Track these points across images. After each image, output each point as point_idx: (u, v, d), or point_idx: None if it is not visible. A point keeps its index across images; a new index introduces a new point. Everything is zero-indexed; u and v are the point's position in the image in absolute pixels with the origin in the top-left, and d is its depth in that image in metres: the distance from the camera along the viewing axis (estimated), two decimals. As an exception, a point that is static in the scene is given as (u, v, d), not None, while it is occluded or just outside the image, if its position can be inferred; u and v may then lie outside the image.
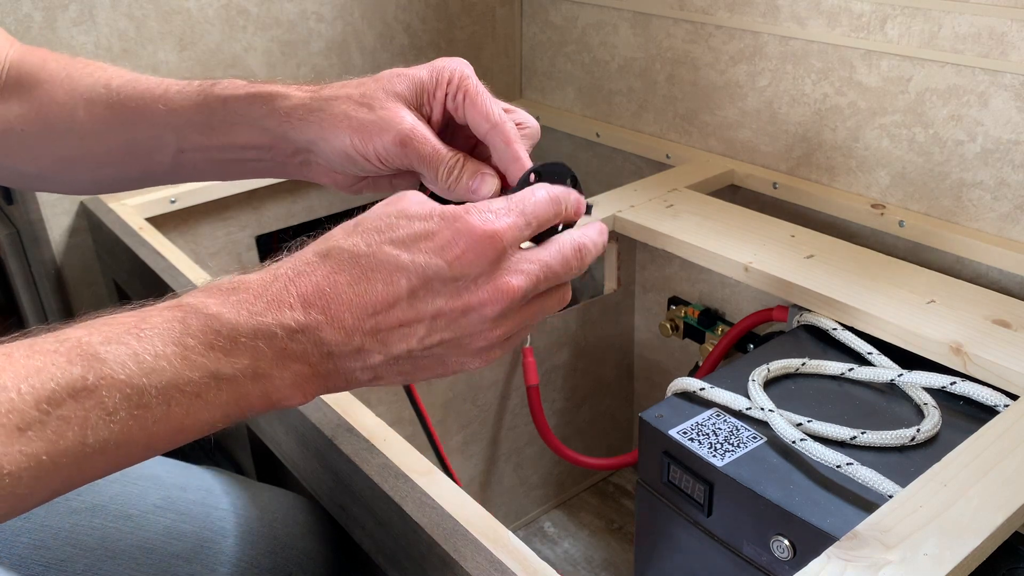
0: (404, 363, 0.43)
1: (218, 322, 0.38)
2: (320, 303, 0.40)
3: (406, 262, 0.41)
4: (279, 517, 0.64)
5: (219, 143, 0.55)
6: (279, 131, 0.53)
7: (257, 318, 0.39)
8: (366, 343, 0.41)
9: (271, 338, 0.39)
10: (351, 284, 0.41)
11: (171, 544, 0.58)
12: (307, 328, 0.40)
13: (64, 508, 0.57)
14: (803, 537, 0.60)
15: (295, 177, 0.57)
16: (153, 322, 0.37)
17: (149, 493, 0.60)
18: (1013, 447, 0.59)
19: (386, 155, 0.50)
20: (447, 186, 0.50)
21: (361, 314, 0.41)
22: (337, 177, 0.55)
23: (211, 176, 0.59)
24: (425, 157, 0.50)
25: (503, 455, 1.03)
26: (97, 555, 0.56)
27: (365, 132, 0.50)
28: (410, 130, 0.49)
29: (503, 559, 0.51)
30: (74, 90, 0.56)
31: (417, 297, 0.41)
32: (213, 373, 0.38)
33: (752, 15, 0.99)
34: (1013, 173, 0.82)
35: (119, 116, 0.56)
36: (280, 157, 0.55)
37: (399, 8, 1.19)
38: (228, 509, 0.62)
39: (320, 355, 0.40)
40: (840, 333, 0.76)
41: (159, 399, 0.36)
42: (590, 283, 1.15)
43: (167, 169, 0.57)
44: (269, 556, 0.61)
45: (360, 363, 0.42)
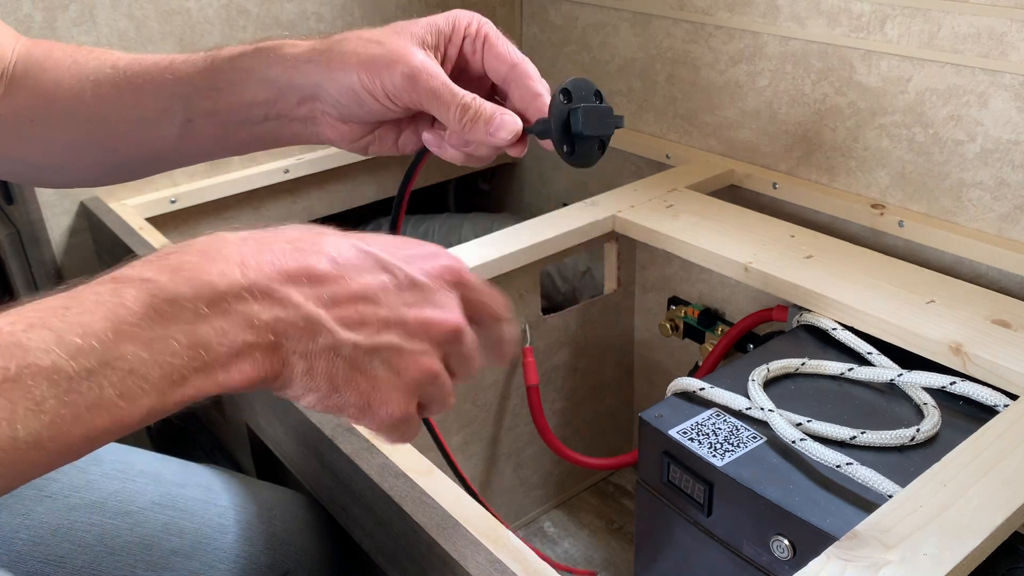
0: (342, 362, 0.39)
1: (154, 286, 0.35)
2: (284, 257, 0.38)
3: (390, 262, 0.41)
4: (278, 513, 0.64)
5: (225, 104, 0.52)
6: (284, 79, 0.50)
7: (199, 278, 0.36)
8: (321, 317, 0.38)
9: (216, 299, 0.36)
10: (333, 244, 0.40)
11: (170, 540, 0.58)
12: (262, 284, 0.37)
13: (63, 505, 0.57)
14: (803, 537, 0.60)
15: (301, 140, 0.54)
16: (83, 298, 0.34)
17: (148, 490, 0.60)
18: (1013, 447, 0.59)
19: (395, 91, 0.48)
20: (462, 126, 0.48)
21: (324, 286, 0.39)
22: (343, 129, 0.52)
23: (216, 149, 0.56)
24: (436, 91, 0.47)
25: (503, 455, 1.03)
26: (96, 551, 0.56)
27: (373, 66, 0.48)
28: (421, 64, 0.47)
29: (503, 558, 0.51)
30: (80, 74, 0.55)
31: (386, 297, 0.40)
32: (147, 344, 0.34)
33: (752, 15, 0.99)
34: (1013, 173, 0.82)
35: (126, 93, 0.54)
36: (285, 110, 0.52)
37: (399, 8, 1.19)
38: (227, 505, 0.62)
39: (271, 321, 0.37)
40: (840, 333, 0.76)
41: (90, 383, 0.33)
42: (590, 283, 1.15)
43: (173, 144, 0.55)
44: (267, 552, 0.61)
45: (305, 343, 0.38)
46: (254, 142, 0.55)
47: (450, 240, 1.26)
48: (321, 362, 0.39)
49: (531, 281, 0.96)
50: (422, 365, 0.41)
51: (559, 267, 1.18)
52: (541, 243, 0.91)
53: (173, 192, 1.06)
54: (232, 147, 0.56)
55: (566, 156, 0.49)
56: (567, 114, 0.48)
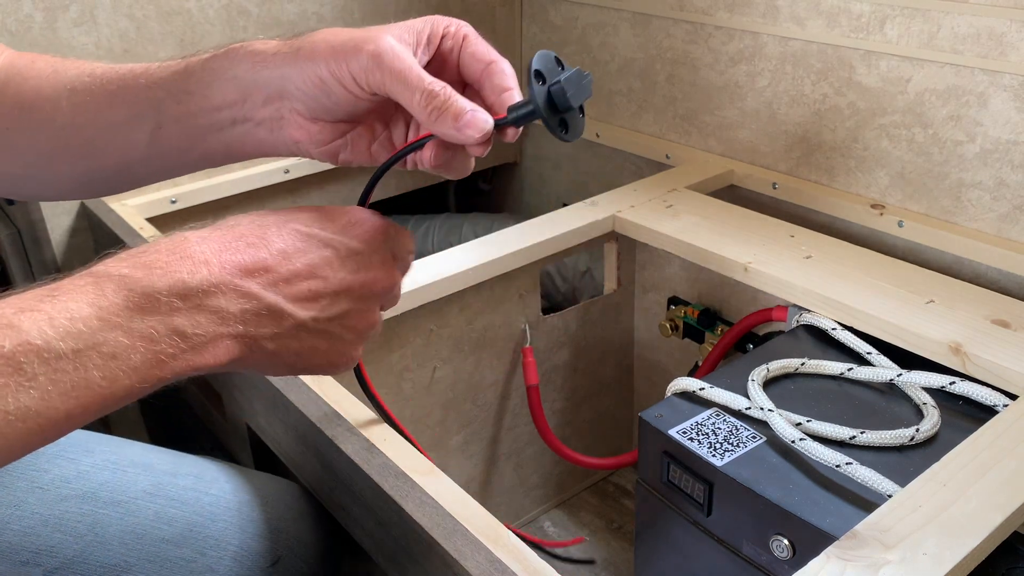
0: (307, 335, 0.44)
1: (131, 281, 0.39)
2: (241, 253, 0.42)
3: (326, 236, 0.46)
4: (270, 502, 0.64)
5: (194, 108, 0.51)
6: (251, 76, 0.49)
7: (172, 275, 0.39)
8: (283, 304, 0.43)
9: (188, 293, 0.39)
10: (278, 235, 0.44)
11: (160, 529, 0.59)
12: (227, 280, 0.41)
13: (53, 496, 0.57)
14: (802, 537, 0.60)
15: (267, 148, 0.53)
16: (66, 288, 0.38)
17: (139, 480, 0.61)
18: (1012, 447, 0.59)
19: (361, 72, 0.46)
20: (428, 114, 0.46)
21: (283, 272, 0.43)
22: (312, 129, 0.50)
23: (182, 161, 0.55)
24: (402, 72, 0.45)
25: (503, 455, 1.03)
26: (87, 541, 0.56)
27: (341, 51, 0.46)
28: (388, 45, 0.46)
29: (503, 558, 0.51)
30: (59, 82, 0.55)
31: (330, 269, 0.45)
32: (128, 332, 0.38)
33: (752, 15, 0.99)
34: (1012, 173, 0.83)
35: (100, 99, 0.54)
36: (251, 111, 0.50)
37: (399, 9, 1.19)
38: (218, 494, 0.62)
39: (238, 313, 0.41)
40: (839, 333, 0.76)
41: (75, 363, 0.36)
42: (590, 283, 1.15)
43: (142, 153, 0.54)
44: (259, 539, 0.61)
45: (271, 328, 0.43)
46: (220, 152, 0.54)
47: (450, 240, 1.26)
48: (287, 340, 0.44)
49: (531, 281, 0.96)
50: (370, 319, 0.48)
51: (559, 267, 1.18)
52: (541, 243, 0.91)
53: (173, 192, 1.06)
54: (197, 158, 0.55)
55: (562, 135, 0.48)
56: (548, 93, 0.47)
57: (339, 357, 0.47)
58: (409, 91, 0.46)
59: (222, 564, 0.59)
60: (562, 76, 0.47)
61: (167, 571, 0.58)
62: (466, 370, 0.95)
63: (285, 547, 0.62)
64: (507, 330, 0.96)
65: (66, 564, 0.55)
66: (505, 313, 0.95)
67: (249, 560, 0.60)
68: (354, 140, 0.52)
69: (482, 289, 0.91)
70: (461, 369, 0.94)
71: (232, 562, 0.60)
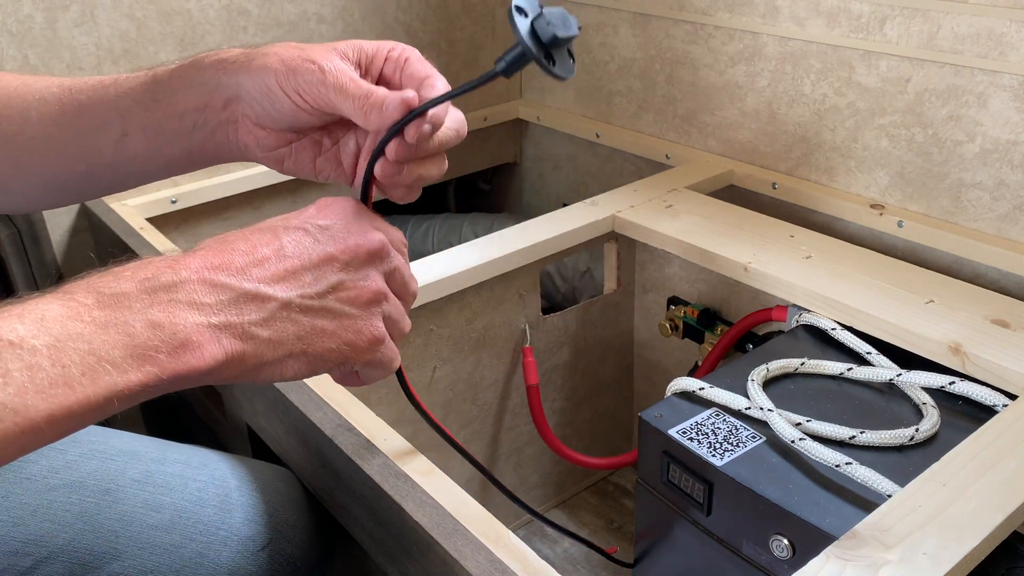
0: (300, 315, 0.43)
1: (98, 284, 0.39)
2: (206, 256, 0.42)
3: (294, 223, 0.46)
4: (259, 487, 0.64)
5: (160, 115, 0.54)
6: (214, 82, 0.52)
7: (140, 275, 0.39)
8: (259, 287, 0.42)
9: (158, 288, 0.39)
10: (241, 239, 0.44)
11: (149, 516, 0.59)
12: (195, 277, 0.40)
13: (42, 486, 0.57)
14: (802, 536, 0.60)
15: (225, 151, 0.56)
16: (35, 298, 0.37)
17: (128, 468, 0.61)
18: (1012, 447, 0.59)
19: (306, 87, 0.49)
20: (364, 114, 0.49)
21: (251, 259, 0.43)
22: (259, 134, 0.53)
23: (146, 168, 0.57)
24: (343, 85, 0.49)
25: (503, 455, 1.03)
26: (76, 529, 0.57)
27: (290, 66, 0.50)
28: (334, 64, 0.49)
29: (503, 558, 0.51)
30: (28, 94, 0.56)
31: (302, 245, 0.45)
32: (103, 325, 0.37)
33: (751, 16, 1.00)
34: (1012, 173, 0.83)
35: (68, 109, 0.56)
36: (212, 115, 0.53)
37: (399, 9, 1.19)
38: (206, 480, 0.63)
39: (214, 303, 0.40)
40: (839, 333, 0.76)
41: (51, 359, 0.35)
42: (590, 283, 1.15)
43: (108, 160, 0.56)
44: (248, 524, 0.62)
45: (256, 313, 0.41)
46: (183, 157, 0.56)
47: (450, 240, 1.26)
48: (279, 323, 0.42)
49: (531, 281, 0.96)
50: (370, 287, 0.46)
51: (559, 267, 1.18)
52: (541, 243, 0.91)
53: (174, 192, 1.06)
54: (161, 165, 0.57)
55: (551, 69, 0.47)
56: (532, 26, 0.46)
57: (354, 335, 0.45)
58: (348, 100, 0.49)
59: (211, 549, 0.60)
60: (544, 9, 0.47)
61: (157, 557, 0.58)
62: (466, 370, 0.95)
63: (275, 531, 0.63)
64: (507, 330, 0.96)
65: (56, 553, 0.56)
66: (505, 313, 0.95)
67: (238, 544, 0.61)
68: (298, 150, 0.54)
69: (482, 289, 0.91)
70: (461, 369, 0.94)
71: (221, 546, 0.60)
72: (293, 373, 0.44)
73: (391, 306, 0.48)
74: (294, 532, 0.64)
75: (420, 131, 0.48)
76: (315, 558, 0.66)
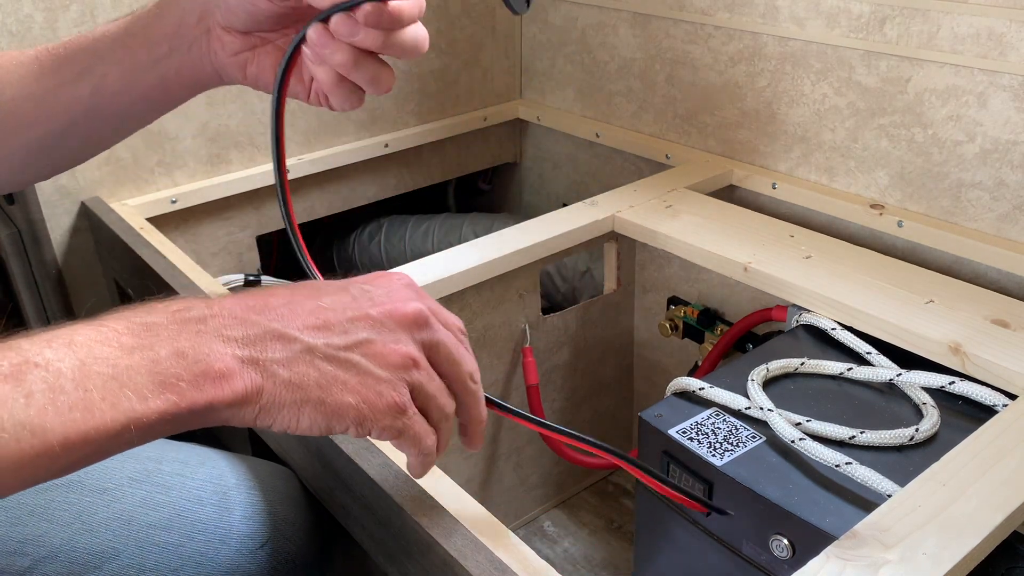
0: (323, 363, 0.42)
1: (130, 314, 0.39)
2: (244, 298, 0.43)
3: (337, 284, 0.46)
4: (257, 485, 0.64)
5: (135, 45, 0.55)
6: (188, 1, 0.54)
7: (173, 307, 0.40)
8: (287, 328, 0.42)
9: (188, 320, 0.40)
10: (285, 289, 0.45)
11: (147, 515, 0.59)
12: (226, 312, 0.41)
13: (39, 486, 0.57)
14: (802, 536, 0.60)
15: (199, 71, 0.56)
16: (64, 326, 0.38)
17: (125, 466, 0.61)
18: (1012, 446, 0.59)
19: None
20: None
21: (285, 305, 0.43)
22: (227, 39, 0.54)
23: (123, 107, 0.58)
24: None
25: (503, 455, 1.03)
26: (73, 529, 0.57)
27: None
28: None
29: (503, 558, 0.51)
30: (4, 63, 0.57)
31: (339, 302, 0.45)
32: (129, 350, 0.37)
33: (751, 16, 1.00)
34: (1012, 173, 0.83)
35: (47, 65, 0.57)
36: (187, 32, 0.55)
37: (399, 8, 1.19)
38: (204, 479, 0.63)
39: (240, 337, 0.41)
40: (839, 333, 0.76)
41: (74, 382, 0.35)
42: (590, 283, 1.15)
43: (85, 108, 0.57)
44: (246, 522, 0.62)
45: (279, 352, 0.41)
46: (157, 89, 0.57)
47: (450, 240, 1.26)
48: (300, 366, 0.42)
49: (531, 281, 0.96)
50: (399, 350, 0.44)
51: (559, 267, 1.18)
52: (541, 243, 0.91)
53: (174, 192, 1.06)
54: (135, 99, 0.58)
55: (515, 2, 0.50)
56: None
57: (375, 395, 0.43)
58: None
59: (210, 547, 0.60)
60: None
61: (155, 556, 0.58)
62: (466, 370, 0.94)
63: (273, 529, 0.63)
64: (507, 330, 0.96)
65: (53, 553, 0.56)
66: (505, 313, 0.95)
67: (237, 543, 0.61)
68: (260, 56, 0.56)
69: (482, 289, 0.91)
70: (461, 369, 0.94)
71: (220, 545, 0.60)
72: (308, 424, 0.42)
73: (424, 376, 0.45)
74: (293, 530, 0.64)
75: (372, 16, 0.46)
76: (314, 556, 0.66)
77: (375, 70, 0.50)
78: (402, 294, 0.47)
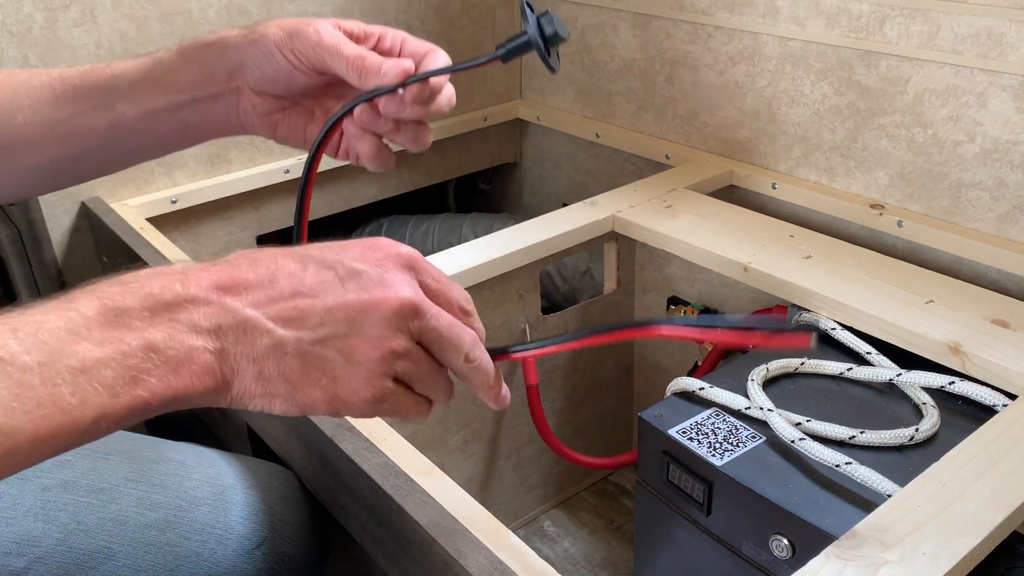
0: (292, 359, 0.40)
1: (104, 295, 0.38)
2: (220, 272, 0.40)
3: (328, 258, 0.42)
4: (255, 485, 0.64)
5: (159, 89, 0.56)
6: (216, 56, 0.55)
7: (144, 290, 0.38)
8: (261, 319, 0.40)
9: (160, 307, 0.38)
10: (267, 259, 0.42)
11: (144, 515, 0.59)
12: (201, 296, 0.39)
13: (35, 486, 0.57)
14: (802, 536, 0.60)
15: (224, 123, 0.57)
16: (37, 306, 0.36)
17: (121, 467, 0.61)
18: (1012, 446, 0.59)
19: (303, 47, 0.53)
20: (358, 76, 0.52)
21: (264, 284, 0.41)
22: (256, 101, 0.56)
23: (139, 144, 0.58)
24: (336, 45, 0.52)
25: (503, 455, 1.03)
26: (69, 530, 0.57)
27: (288, 30, 0.54)
28: (330, 29, 0.53)
29: (503, 558, 0.51)
30: (17, 84, 0.58)
31: (323, 285, 0.41)
32: (99, 342, 0.36)
33: (751, 16, 1.00)
34: (1012, 173, 0.83)
35: (62, 94, 0.57)
36: (214, 87, 0.56)
37: (399, 9, 1.19)
38: (200, 479, 0.63)
39: (212, 328, 0.39)
40: (839, 333, 0.76)
41: (42, 377, 0.34)
42: (590, 283, 1.15)
43: (100, 140, 0.57)
44: (243, 522, 0.62)
45: (249, 346, 0.40)
46: (177, 131, 0.58)
47: (450, 240, 1.26)
48: (270, 363, 0.40)
49: (531, 281, 0.96)
50: (380, 346, 0.42)
51: (559, 267, 1.18)
52: (541, 243, 0.91)
53: (174, 192, 1.06)
54: (153, 142, 0.59)
55: (549, 60, 0.53)
56: (538, 20, 0.51)
57: (348, 392, 0.42)
58: (342, 59, 0.53)
59: (206, 548, 0.60)
60: (548, 11, 0.52)
61: (151, 556, 0.58)
62: (466, 370, 0.94)
63: (270, 529, 0.63)
64: (507, 330, 0.96)
65: (49, 553, 0.55)
66: (505, 313, 0.95)
67: (234, 543, 0.61)
68: (291, 117, 0.58)
69: (482, 289, 0.91)
70: (461, 369, 0.94)
71: (217, 545, 0.60)
72: (282, 411, 0.41)
73: (409, 366, 0.43)
74: (290, 530, 0.64)
75: (418, 94, 0.51)
76: (312, 555, 0.66)
77: (415, 131, 0.55)
78: (395, 278, 0.43)
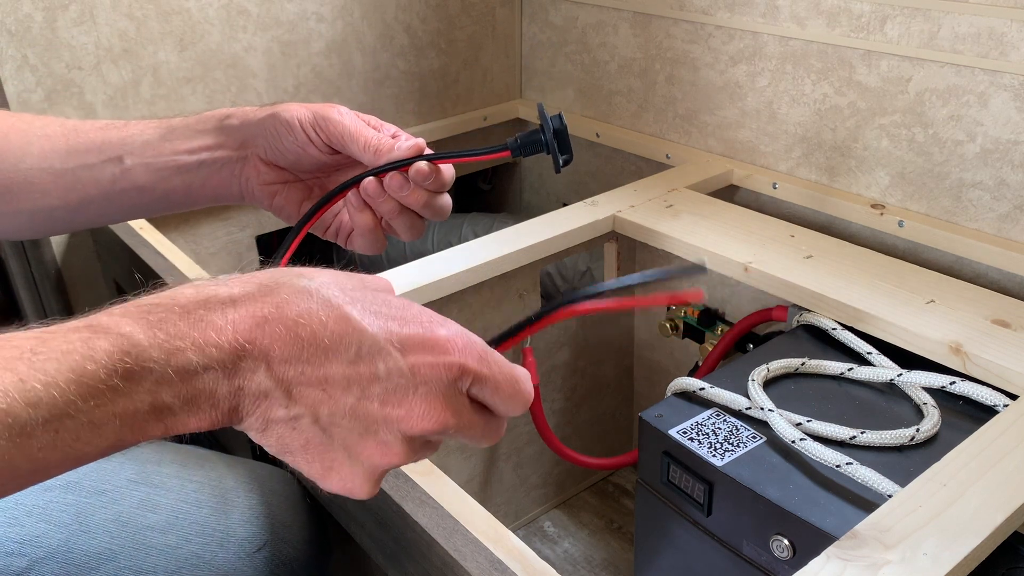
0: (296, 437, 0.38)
1: (128, 343, 0.34)
2: (251, 335, 0.36)
3: (369, 326, 0.38)
4: (256, 488, 0.64)
5: (168, 150, 0.59)
6: (236, 125, 0.59)
7: (174, 342, 0.35)
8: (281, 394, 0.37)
9: (184, 369, 0.35)
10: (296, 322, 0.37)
11: (145, 516, 0.59)
12: (226, 364, 0.35)
13: (38, 486, 0.57)
14: (803, 537, 0.60)
15: (228, 189, 0.61)
16: (52, 344, 0.33)
17: (124, 468, 0.61)
18: (1012, 447, 0.59)
19: (325, 126, 0.57)
20: (372, 152, 0.57)
21: (294, 359, 0.36)
22: (262, 168, 0.59)
23: (142, 201, 0.61)
24: (351, 129, 0.57)
25: (503, 455, 1.03)
26: (71, 530, 0.57)
27: (314, 110, 0.58)
28: (347, 113, 0.58)
29: (503, 558, 0.51)
30: (30, 130, 0.60)
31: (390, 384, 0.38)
32: (110, 401, 0.33)
33: (752, 15, 0.99)
34: (1012, 173, 0.83)
35: (74, 146, 0.60)
36: (224, 153, 0.59)
37: (399, 8, 1.19)
38: (202, 481, 0.63)
39: (230, 392, 0.36)
40: (840, 333, 0.76)
41: (44, 428, 0.32)
42: (590, 283, 1.15)
43: (104, 192, 0.60)
44: (244, 525, 0.62)
45: (260, 410, 0.37)
46: (180, 192, 0.61)
47: (450, 240, 1.26)
48: (278, 427, 0.37)
49: (531, 281, 0.96)
50: (388, 454, 0.38)
51: (559, 267, 1.18)
52: (541, 243, 0.91)
53: (173, 192, 1.06)
54: (156, 199, 0.61)
55: (564, 159, 0.57)
56: (555, 131, 0.56)
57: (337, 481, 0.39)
58: (356, 141, 0.57)
59: (208, 550, 0.60)
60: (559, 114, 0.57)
61: (152, 558, 0.58)
62: (466, 370, 0.94)
63: (271, 532, 0.63)
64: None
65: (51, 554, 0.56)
66: (505, 313, 0.95)
67: (235, 546, 0.61)
68: (290, 190, 0.61)
69: (482, 289, 0.91)
70: (461, 369, 0.94)
71: (218, 548, 0.60)
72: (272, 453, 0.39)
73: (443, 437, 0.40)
74: (291, 533, 0.64)
75: (426, 174, 0.56)
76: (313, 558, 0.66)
77: (411, 220, 0.58)
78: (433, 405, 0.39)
